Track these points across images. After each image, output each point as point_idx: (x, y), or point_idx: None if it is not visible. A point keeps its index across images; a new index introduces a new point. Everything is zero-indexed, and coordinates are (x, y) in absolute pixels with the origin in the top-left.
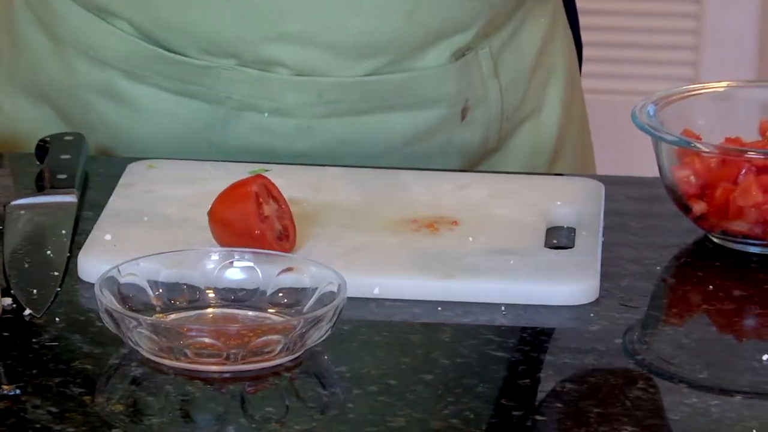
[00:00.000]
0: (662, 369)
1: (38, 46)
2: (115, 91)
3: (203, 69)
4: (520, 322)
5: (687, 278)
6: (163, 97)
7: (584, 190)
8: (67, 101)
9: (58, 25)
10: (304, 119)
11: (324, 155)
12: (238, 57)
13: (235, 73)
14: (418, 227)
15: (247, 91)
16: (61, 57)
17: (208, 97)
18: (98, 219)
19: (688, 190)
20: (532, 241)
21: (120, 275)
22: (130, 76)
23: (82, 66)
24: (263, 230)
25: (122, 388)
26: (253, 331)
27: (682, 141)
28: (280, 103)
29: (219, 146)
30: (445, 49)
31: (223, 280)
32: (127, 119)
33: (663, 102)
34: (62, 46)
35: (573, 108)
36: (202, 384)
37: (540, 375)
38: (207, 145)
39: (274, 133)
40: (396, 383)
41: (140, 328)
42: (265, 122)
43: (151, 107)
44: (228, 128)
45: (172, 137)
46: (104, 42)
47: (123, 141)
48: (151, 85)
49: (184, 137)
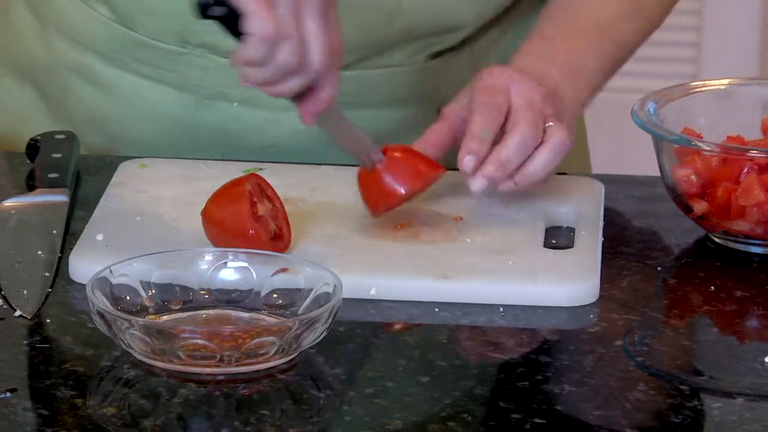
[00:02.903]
0: (663, 371)
1: (25, 23)
2: (94, 74)
3: (176, 55)
4: (519, 323)
5: (688, 279)
6: (137, 83)
7: (584, 190)
8: (48, 82)
9: (44, 5)
10: (274, 111)
11: (294, 148)
12: (213, 47)
13: (207, 60)
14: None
15: (218, 79)
16: (45, 36)
17: (180, 84)
18: (90, 219)
19: (689, 190)
20: (530, 241)
21: (112, 276)
22: (108, 60)
23: (64, 47)
24: (257, 230)
25: (114, 390)
26: (247, 332)
27: (682, 139)
28: (249, 94)
29: (190, 134)
30: (423, 49)
31: (217, 281)
32: (104, 104)
33: (663, 99)
34: (47, 25)
35: None
36: (195, 386)
37: (539, 377)
38: (178, 132)
39: (243, 123)
40: (392, 385)
41: (132, 330)
42: (235, 112)
43: (127, 92)
44: (198, 116)
45: (145, 123)
46: (84, 25)
47: (99, 125)
48: (127, 70)
49: (156, 123)
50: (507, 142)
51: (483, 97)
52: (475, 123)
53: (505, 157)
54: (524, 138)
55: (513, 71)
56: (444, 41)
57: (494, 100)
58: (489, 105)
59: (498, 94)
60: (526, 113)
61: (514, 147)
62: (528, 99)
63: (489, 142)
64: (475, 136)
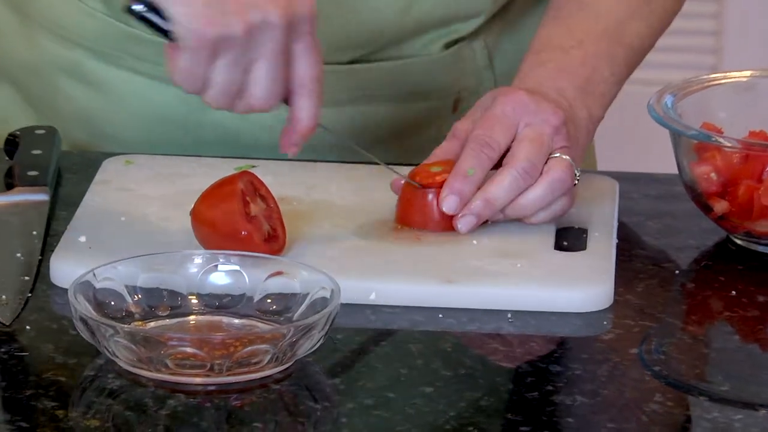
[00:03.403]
0: (681, 381)
1: (3, 21)
2: (84, 72)
3: None
4: (528, 330)
5: (707, 283)
6: (134, 81)
7: (597, 188)
8: (33, 82)
9: (27, 1)
10: (283, 109)
11: (305, 148)
12: None
13: None
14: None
15: None
16: (28, 34)
17: None
18: (72, 219)
19: (708, 188)
20: (540, 243)
21: (95, 280)
22: (101, 57)
23: (50, 44)
24: (250, 231)
25: (98, 401)
26: (239, 340)
27: (702, 135)
28: None
29: (195, 136)
30: (438, 39)
31: (207, 285)
32: (97, 103)
33: (681, 92)
34: (29, 22)
35: None
36: (184, 397)
37: (549, 387)
38: (182, 133)
39: (252, 123)
40: (394, 396)
41: (117, 337)
42: None
43: (122, 91)
44: (204, 116)
45: (144, 124)
46: (73, 20)
47: (91, 127)
48: (123, 68)
49: (157, 125)
50: (498, 179)
51: (480, 130)
52: (463, 159)
53: (492, 195)
54: (516, 177)
55: (530, 98)
56: (459, 30)
57: (491, 134)
58: (482, 140)
59: (498, 127)
60: (527, 147)
61: (505, 185)
62: (537, 132)
63: (476, 180)
64: (460, 173)
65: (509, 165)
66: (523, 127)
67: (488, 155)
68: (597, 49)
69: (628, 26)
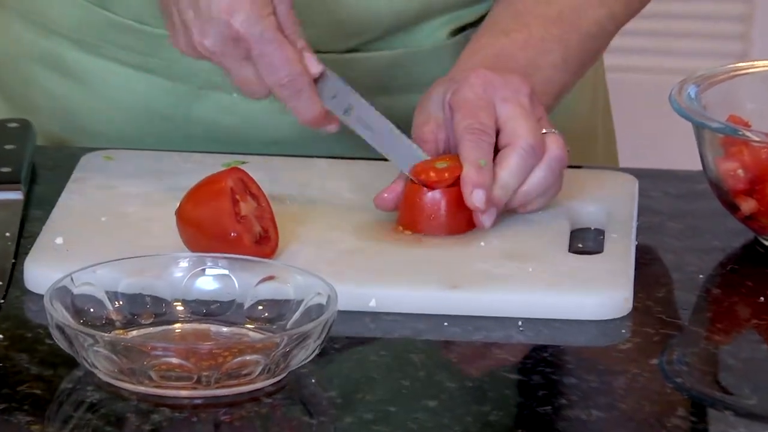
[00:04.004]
0: (705, 394)
1: None
2: (63, 63)
3: (164, 40)
4: (540, 339)
5: (734, 288)
6: (117, 71)
7: (614, 186)
8: (5, 73)
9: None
10: (278, 101)
11: (302, 143)
12: None
13: None
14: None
15: (214, 67)
16: (2, 23)
17: (170, 73)
18: (48, 219)
19: (735, 186)
20: (553, 245)
21: (73, 285)
22: (80, 46)
23: (26, 34)
24: (240, 232)
25: (76, 416)
26: (229, 350)
27: (728, 128)
28: None
29: (182, 130)
30: (444, 25)
31: (194, 291)
32: (76, 96)
33: (706, 82)
34: (3, 10)
35: (597, 89)
36: (169, 412)
37: (562, 401)
38: (168, 128)
39: (243, 117)
40: (395, 410)
41: (97, 347)
42: (234, 104)
43: (104, 82)
44: (192, 109)
45: (127, 118)
46: (51, 7)
47: (71, 121)
48: (104, 57)
49: (142, 118)
50: (505, 164)
51: (467, 120)
52: (468, 153)
53: (505, 181)
54: (523, 156)
55: (492, 73)
56: (465, 15)
57: (480, 119)
58: (475, 129)
59: (481, 112)
60: (522, 124)
61: (514, 168)
62: (519, 105)
63: (491, 169)
64: (474, 166)
65: (512, 146)
66: (501, 102)
67: (487, 142)
68: (546, 34)
69: (586, 12)
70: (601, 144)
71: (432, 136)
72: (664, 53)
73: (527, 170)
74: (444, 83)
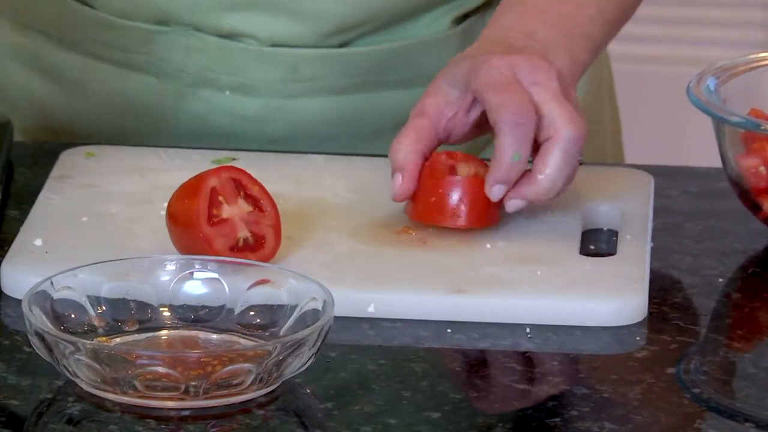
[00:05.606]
0: (724, 405)
1: None
2: (42, 60)
3: (151, 35)
4: (550, 346)
5: (755, 293)
6: (99, 68)
7: (629, 185)
8: None
9: None
10: (273, 98)
11: (297, 142)
12: (199, 24)
13: (191, 40)
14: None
15: (205, 63)
16: None
17: (157, 70)
18: (26, 219)
19: (757, 184)
20: (564, 247)
21: (53, 289)
22: (58, 43)
23: (3, 30)
24: (209, 236)
25: (57, 428)
26: (218, 358)
27: (749, 123)
28: (244, 79)
29: (169, 131)
30: (446, 13)
31: (181, 296)
32: (56, 95)
33: (726, 74)
34: None
35: (602, 80)
36: (155, 424)
37: (573, 412)
38: (154, 128)
39: (236, 115)
40: (395, 422)
41: (78, 355)
42: (226, 101)
43: (85, 80)
44: (181, 108)
45: (110, 118)
46: (30, 3)
47: (51, 121)
48: (84, 54)
49: (125, 118)
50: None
51: (508, 109)
52: (506, 145)
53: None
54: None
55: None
56: (468, 2)
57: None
58: (517, 121)
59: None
60: (562, 111)
61: (560, 163)
62: (553, 90)
63: (522, 162)
64: (505, 162)
65: (554, 140)
66: (531, 85)
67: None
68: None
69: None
70: (609, 139)
71: (435, 109)
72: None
73: (572, 165)
74: (466, 59)
